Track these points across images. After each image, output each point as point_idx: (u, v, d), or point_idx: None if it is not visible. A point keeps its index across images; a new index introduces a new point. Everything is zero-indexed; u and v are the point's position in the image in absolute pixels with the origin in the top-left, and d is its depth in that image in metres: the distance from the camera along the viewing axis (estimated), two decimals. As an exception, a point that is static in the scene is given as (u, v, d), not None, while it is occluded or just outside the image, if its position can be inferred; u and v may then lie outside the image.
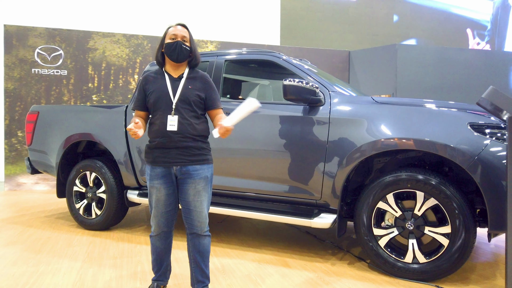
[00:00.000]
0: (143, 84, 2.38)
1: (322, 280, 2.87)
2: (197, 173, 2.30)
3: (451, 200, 2.68)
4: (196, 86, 2.35)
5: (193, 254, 2.39)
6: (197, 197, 2.31)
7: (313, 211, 3.21)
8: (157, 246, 2.46)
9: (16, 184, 6.93)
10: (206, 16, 9.36)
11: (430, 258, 2.78)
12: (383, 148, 2.89)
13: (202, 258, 2.38)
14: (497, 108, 2.18)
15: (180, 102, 2.28)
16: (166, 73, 2.38)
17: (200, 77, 2.40)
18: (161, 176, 2.30)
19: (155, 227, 2.41)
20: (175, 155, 2.27)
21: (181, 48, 2.31)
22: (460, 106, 2.93)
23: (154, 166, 2.31)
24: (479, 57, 8.09)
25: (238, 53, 3.79)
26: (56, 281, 2.80)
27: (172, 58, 2.33)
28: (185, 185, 2.31)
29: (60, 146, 4.35)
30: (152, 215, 2.40)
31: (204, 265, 2.39)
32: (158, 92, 2.31)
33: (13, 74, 6.88)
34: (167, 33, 2.38)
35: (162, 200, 2.34)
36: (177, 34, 2.34)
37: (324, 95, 3.22)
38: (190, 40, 2.38)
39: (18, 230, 4.19)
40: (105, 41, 7.33)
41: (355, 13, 10.77)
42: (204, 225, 2.36)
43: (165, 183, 2.31)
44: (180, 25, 2.39)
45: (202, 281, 2.40)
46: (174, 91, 2.30)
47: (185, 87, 2.32)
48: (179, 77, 2.36)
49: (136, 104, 2.40)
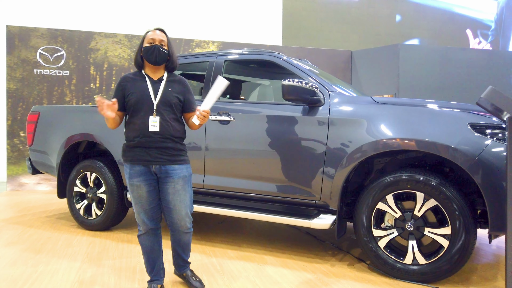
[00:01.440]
0: (122, 84, 2.44)
1: (321, 281, 2.85)
2: (175, 173, 2.40)
3: (451, 201, 2.66)
4: (176, 89, 2.46)
5: (174, 246, 2.61)
6: (176, 196, 2.41)
7: (313, 212, 3.20)
8: (146, 245, 2.51)
9: (18, 184, 6.96)
10: (207, 17, 9.35)
11: (430, 259, 2.76)
12: (384, 148, 2.86)
13: (183, 250, 2.62)
14: (497, 108, 2.16)
15: (161, 104, 2.37)
16: (146, 75, 2.46)
17: (178, 81, 2.52)
18: (140, 174, 2.37)
19: (141, 225, 2.48)
20: (154, 154, 2.36)
21: (159, 51, 2.41)
22: (461, 106, 2.90)
23: (133, 164, 2.38)
24: (482, 57, 8.03)
25: (238, 53, 3.79)
26: (55, 281, 2.80)
27: (150, 61, 2.42)
28: (165, 184, 2.41)
29: (61, 146, 4.35)
30: (136, 214, 2.46)
31: (185, 255, 2.65)
32: (138, 93, 2.38)
33: (15, 74, 6.91)
34: (145, 37, 2.47)
35: (145, 197, 2.41)
36: (155, 38, 2.43)
37: (323, 95, 3.20)
38: (168, 44, 2.48)
39: (19, 230, 4.20)
40: (107, 42, 7.35)
41: (358, 13, 10.73)
42: (184, 223, 2.48)
43: (145, 180, 2.38)
44: (158, 30, 2.49)
45: (183, 265, 2.69)
46: (155, 93, 2.39)
47: (165, 90, 2.42)
48: (159, 79, 2.46)
49: None
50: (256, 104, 3.64)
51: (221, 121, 3.48)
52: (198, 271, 2.99)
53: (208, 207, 3.51)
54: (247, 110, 3.49)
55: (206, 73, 3.79)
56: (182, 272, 2.71)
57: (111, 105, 2.23)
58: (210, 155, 3.53)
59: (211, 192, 3.60)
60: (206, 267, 3.10)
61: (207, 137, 3.53)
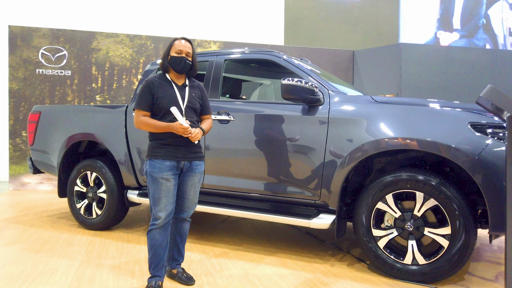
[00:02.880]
0: (150, 87, 2.61)
1: (320, 281, 2.84)
2: (197, 168, 2.69)
3: (451, 201, 2.64)
4: (197, 95, 2.74)
5: (174, 235, 2.76)
6: (193, 187, 2.71)
7: (312, 212, 3.19)
8: (157, 240, 2.61)
9: (21, 184, 6.98)
10: (209, 16, 9.35)
11: (429, 259, 2.74)
12: (385, 148, 2.84)
13: (181, 239, 2.79)
14: (496, 107, 2.14)
15: (188, 108, 2.64)
16: (172, 81, 2.68)
17: (197, 86, 2.79)
18: (171, 168, 2.57)
19: (159, 219, 2.58)
20: (184, 152, 2.60)
21: (185, 63, 2.64)
22: (462, 106, 2.88)
23: (164, 159, 2.56)
24: (484, 56, 7.99)
25: (238, 52, 3.78)
26: (53, 281, 2.80)
27: (176, 70, 2.66)
28: (186, 177, 2.67)
29: (62, 145, 4.36)
30: (158, 207, 2.57)
31: (181, 245, 2.80)
32: (168, 98, 2.59)
33: (18, 74, 6.93)
34: (172, 45, 2.67)
35: (172, 190, 2.59)
36: (182, 50, 2.64)
37: (323, 94, 3.19)
38: (193, 55, 2.70)
39: (20, 229, 4.21)
40: (109, 42, 7.36)
41: (360, 12, 10.70)
42: (191, 211, 2.76)
43: (174, 175, 2.60)
44: (185, 40, 2.70)
45: (177, 260, 2.80)
46: (182, 98, 2.64)
47: (190, 95, 2.68)
48: (182, 85, 2.70)
49: (144, 105, 2.60)
50: (255, 103, 3.63)
51: (221, 120, 3.48)
52: (198, 271, 2.99)
53: (208, 206, 3.51)
54: (247, 109, 3.48)
55: (206, 73, 3.78)
56: (173, 269, 2.80)
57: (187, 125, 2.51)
58: (210, 154, 3.53)
59: (211, 191, 3.60)
60: (206, 267, 3.10)
61: (207, 137, 3.53)
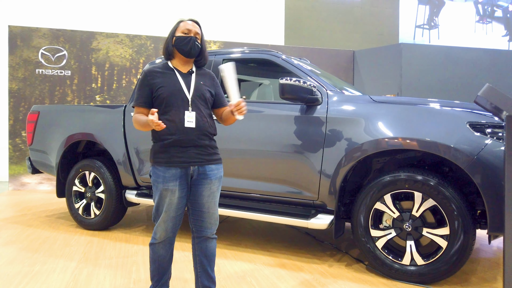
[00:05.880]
0: (147, 78, 2.17)
1: (318, 282, 2.82)
2: (213, 173, 2.18)
3: (449, 201, 2.62)
4: (207, 83, 2.26)
5: (199, 258, 2.25)
6: (211, 198, 2.19)
7: (310, 212, 3.17)
8: (160, 255, 2.22)
9: (20, 184, 6.98)
10: (209, 16, 9.34)
11: (428, 260, 2.72)
12: (385, 147, 2.82)
13: (209, 262, 2.26)
14: (495, 107, 2.12)
15: (195, 98, 2.15)
16: (175, 68, 2.23)
17: (208, 74, 2.32)
18: (177, 177, 2.10)
19: (161, 233, 2.17)
20: (193, 155, 2.11)
21: (194, 44, 2.20)
22: (461, 105, 2.86)
23: (169, 167, 2.09)
24: (485, 55, 7.95)
25: (237, 52, 3.77)
26: (50, 280, 2.79)
27: (183, 51, 2.19)
28: (200, 186, 2.16)
29: (60, 145, 4.35)
30: (160, 220, 2.15)
31: (210, 269, 2.26)
32: (170, 87, 2.13)
33: (18, 74, 6.93)
34: (178, 26, 2.25)
35: (175, 204, 2.13)
36: (191, 29, 2.22)
37: (321, 94, 3.17)
38: (202, 38, 2.28)
39: (18, 229, 4.20)
40: (109, 42, 7.35)
41: (360, 12, 10.68)
42: (215, 227, 2.25)
43: (181, 185, 2.11)
44: (193, 21, 2.28)
45: (208, 287, 2.25)
46: (188, 86, 2.17)
47: (197, 83, 2.20)
48: (188, 72, 2.23)
49: (141, 100, 2.17)
50: (254, 103, 3.61)
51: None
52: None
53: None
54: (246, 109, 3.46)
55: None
56: None
57: (155, 116, 1.97)
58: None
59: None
60: (203, 267, 3.08)
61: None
